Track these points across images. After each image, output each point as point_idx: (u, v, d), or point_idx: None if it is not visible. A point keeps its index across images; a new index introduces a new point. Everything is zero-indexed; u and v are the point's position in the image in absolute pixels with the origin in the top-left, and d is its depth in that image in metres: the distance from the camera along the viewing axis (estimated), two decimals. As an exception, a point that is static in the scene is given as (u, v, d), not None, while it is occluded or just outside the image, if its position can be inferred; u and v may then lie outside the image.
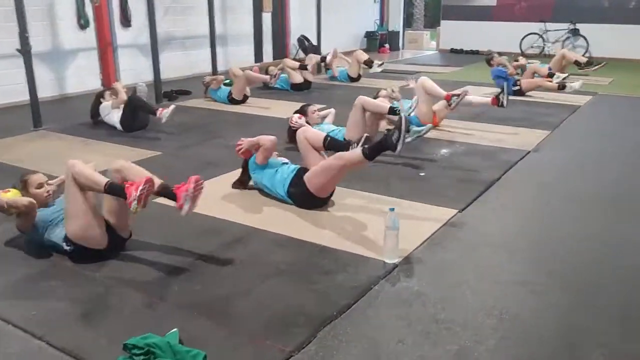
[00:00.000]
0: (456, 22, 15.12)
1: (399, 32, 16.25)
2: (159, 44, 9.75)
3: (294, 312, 2.55)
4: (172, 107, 5.93)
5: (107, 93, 6.36)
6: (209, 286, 2.80)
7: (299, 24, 12.81)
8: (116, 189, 2.87)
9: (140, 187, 2.72)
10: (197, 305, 2.63)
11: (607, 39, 13.09)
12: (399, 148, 3.31)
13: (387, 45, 15.54)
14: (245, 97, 7.57)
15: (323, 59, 9.18)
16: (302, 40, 12.69)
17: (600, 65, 9.76)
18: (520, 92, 8.11)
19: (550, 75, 8.12)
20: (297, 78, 8.53)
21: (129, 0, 9.11)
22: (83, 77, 8.70)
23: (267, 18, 12.09)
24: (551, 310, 2.61)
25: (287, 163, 4.01)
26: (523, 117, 6.76)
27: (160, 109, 5.89)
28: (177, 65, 9.97)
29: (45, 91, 7.66)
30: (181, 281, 2.85)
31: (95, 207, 3.00)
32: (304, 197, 3.71)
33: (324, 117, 5.55)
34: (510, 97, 8.02)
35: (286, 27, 12.76)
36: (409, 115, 6.17)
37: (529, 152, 5.25)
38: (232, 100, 7.50)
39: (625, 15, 13.01)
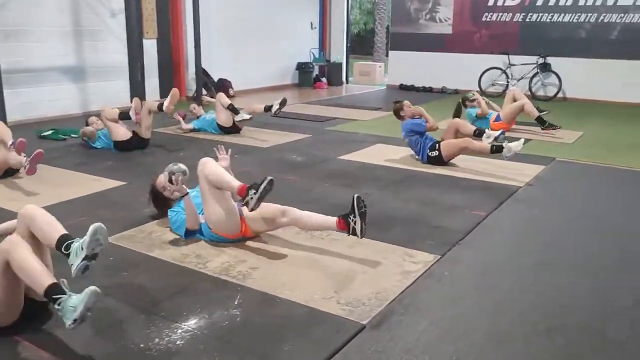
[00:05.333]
0: (406, 52, 12.61)
1: (341, 63, 13.70)
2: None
3: None
4: None
5: None
6: None
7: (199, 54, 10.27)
8: None
9: None
10: None
11: (583, 76, 10.60)
12: None
13: (324, 80, 12.97)
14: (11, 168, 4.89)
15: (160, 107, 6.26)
16: (201, 75, 10.15)
17: (553, 128, 7.22)
18: (441, 160, 5.47)
19: (479, 134, 5.48)
20: (120, 134, 5.90)
21: None
22: None
23: (151, 46, 9.53)
24: None
25: None
26: (409, 217, 4.03)
27: None
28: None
29: None
30: None
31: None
32: None
33: None
34: (423, 170, 5.47)
35: (180, 58, 10.22)
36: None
37: (363, 328, 2.55)
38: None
39: (605, 47, 10.51)
